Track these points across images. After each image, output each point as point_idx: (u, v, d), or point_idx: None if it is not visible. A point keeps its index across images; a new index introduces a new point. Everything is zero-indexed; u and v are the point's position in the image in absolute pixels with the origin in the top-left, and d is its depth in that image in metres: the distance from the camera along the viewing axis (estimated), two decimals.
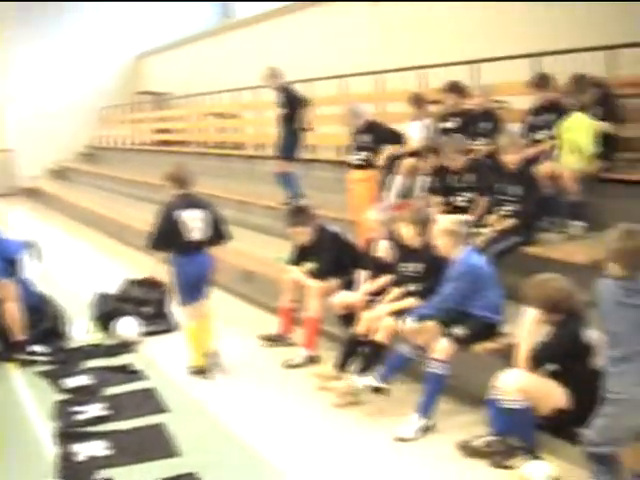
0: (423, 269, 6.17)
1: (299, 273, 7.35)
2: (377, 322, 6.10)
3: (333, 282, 7.15)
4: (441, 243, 5.80)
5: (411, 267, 6.28)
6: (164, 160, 18.52)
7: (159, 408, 6.14)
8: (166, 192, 6.85)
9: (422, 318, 5.72)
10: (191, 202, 6.68)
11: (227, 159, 15.67)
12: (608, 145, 7.14)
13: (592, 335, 4.84)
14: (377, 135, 8.62)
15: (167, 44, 23.67)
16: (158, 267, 7.49)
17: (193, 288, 6.77)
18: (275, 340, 7.59)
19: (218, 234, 6.78)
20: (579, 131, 7.00)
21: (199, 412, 6.11)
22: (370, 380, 5.89)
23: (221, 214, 6.95)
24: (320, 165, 12.27)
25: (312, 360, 7.05)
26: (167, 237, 6.60)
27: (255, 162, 14.48)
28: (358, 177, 8.68)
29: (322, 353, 7.13)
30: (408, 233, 6.27)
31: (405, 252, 6.40)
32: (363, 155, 8.63)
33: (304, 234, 7.25)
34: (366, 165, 8.63)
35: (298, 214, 7.32)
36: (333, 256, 7.18)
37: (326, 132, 13.21)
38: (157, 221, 6.66)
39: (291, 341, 7.54)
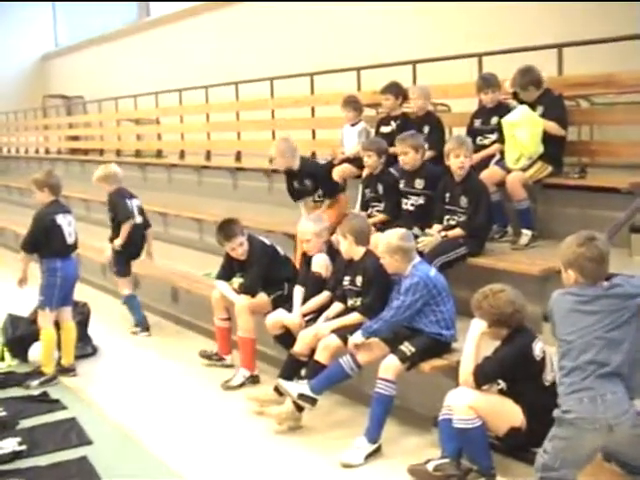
0: (364, 282, 6.18)
1: (226, 288, 7.33)
2: (318, 340, 6.10)
3: (263, 298, 7.16)
4: (388, 261, 5.80)
5: (351, 280, 6.30)
6: (78, 170, 18.38)
7: (81, 440, 6.01)
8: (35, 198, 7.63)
9: (372, 335, 5.72)
10: (64, 207, 7.60)
11: (146, 168, 15.57)
12: (555, 147, 7.24)
13: (542, 350, 4.92)
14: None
15: (77, 43, 23.43)
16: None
17: (68, 292, 7.56)
18: (213, 359, 7.56)
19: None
20: (524, 128, 7.05)
21: (126, 442, 6.01)
22: (303, 388, 5.86)
23: None
24: (246, 174, 12.28)
25: (253, 380, 7.04)
26: (45, 241, 7.32)
27: (176, 171, 14.45)
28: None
29: (260, 375, 7.11)
30: (345, 245, 6.31)
31: (344, 265, 6.42)
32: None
33: (240, 247, 7.21)
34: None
35: (231, 226, 7.25)
36: (262, 269, 7.17)
37: (253, 138, 13.25)
38: (35, 226, 7.39)
39: (228, 363, 7.52)
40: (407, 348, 5.56)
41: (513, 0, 9.77)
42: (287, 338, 6.74)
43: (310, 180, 8.24)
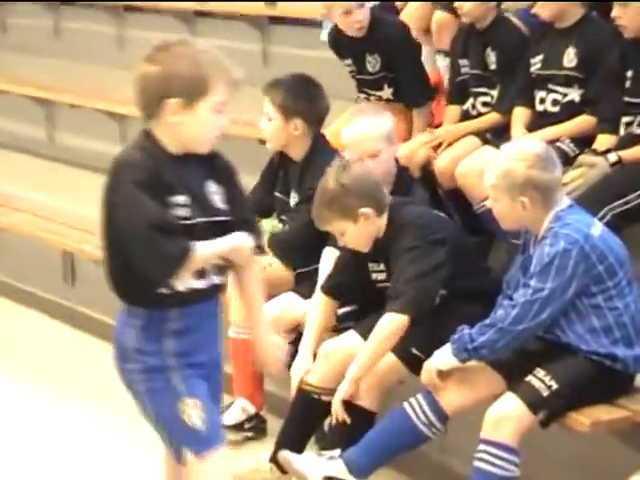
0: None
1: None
2: None
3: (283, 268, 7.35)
4: (506, 206, 5.71)
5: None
6: None
7: None
8: None
9: (474, 356, 5.64)
10: None
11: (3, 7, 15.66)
12: None
13: None
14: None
15: None
16: None
17: None
18: None
19: None
20: None
21: None
22: (332, 465, 5.85)
23: None
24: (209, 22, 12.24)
25: (257, 425, 7.27)
26: None
27: (67, 14, 14.44)
28: None
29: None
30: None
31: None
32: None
33: None
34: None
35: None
36: None
37: None
38: None
39: None
40: (541, 381, 5.54)
41: None
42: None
43: (380, 56, 8.25)
